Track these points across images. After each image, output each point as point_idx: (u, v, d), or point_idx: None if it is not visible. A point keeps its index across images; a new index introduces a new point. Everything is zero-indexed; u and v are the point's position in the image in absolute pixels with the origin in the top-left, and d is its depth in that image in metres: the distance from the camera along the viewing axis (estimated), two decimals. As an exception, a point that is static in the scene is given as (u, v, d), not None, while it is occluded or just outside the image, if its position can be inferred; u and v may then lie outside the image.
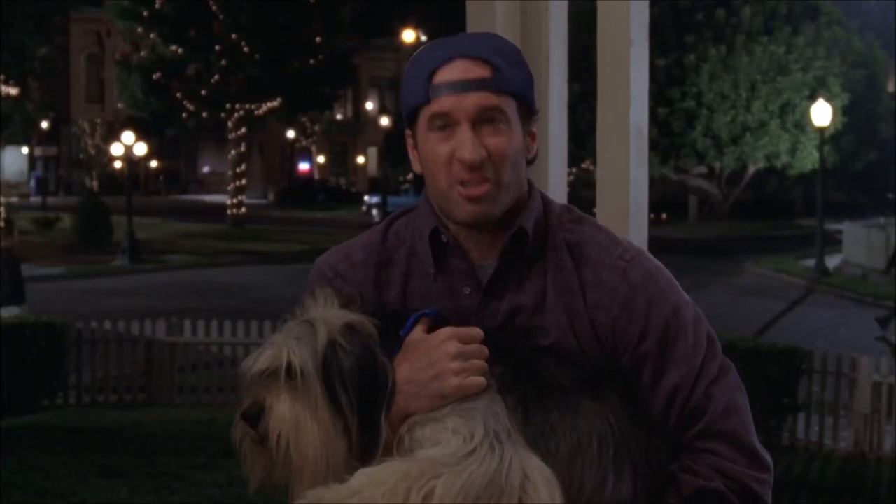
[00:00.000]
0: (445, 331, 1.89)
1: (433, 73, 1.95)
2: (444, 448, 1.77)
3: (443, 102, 1.93)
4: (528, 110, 2.00)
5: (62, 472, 9.08)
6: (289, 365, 1.81)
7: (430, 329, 1.92)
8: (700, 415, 1.92)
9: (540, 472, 1.76)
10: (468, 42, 2.01)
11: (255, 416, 1.82)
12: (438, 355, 1.85)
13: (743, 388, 1.98)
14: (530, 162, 2.06)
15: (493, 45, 2.01)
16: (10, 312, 13.53)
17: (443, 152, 1.94)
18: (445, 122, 1.94)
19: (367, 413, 1.82)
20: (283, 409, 1.80)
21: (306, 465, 1.80)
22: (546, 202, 2.06)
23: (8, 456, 9.52)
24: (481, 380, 1.84)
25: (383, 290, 2.04)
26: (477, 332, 1.89)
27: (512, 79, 1.96)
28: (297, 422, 1.80)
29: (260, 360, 1.84)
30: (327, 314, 1.89)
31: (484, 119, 1.93)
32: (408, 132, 2.03)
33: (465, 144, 1.91)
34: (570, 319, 1.95)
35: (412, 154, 2.04)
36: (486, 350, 1.87)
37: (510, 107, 1.95)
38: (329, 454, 1.80)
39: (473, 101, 1.92)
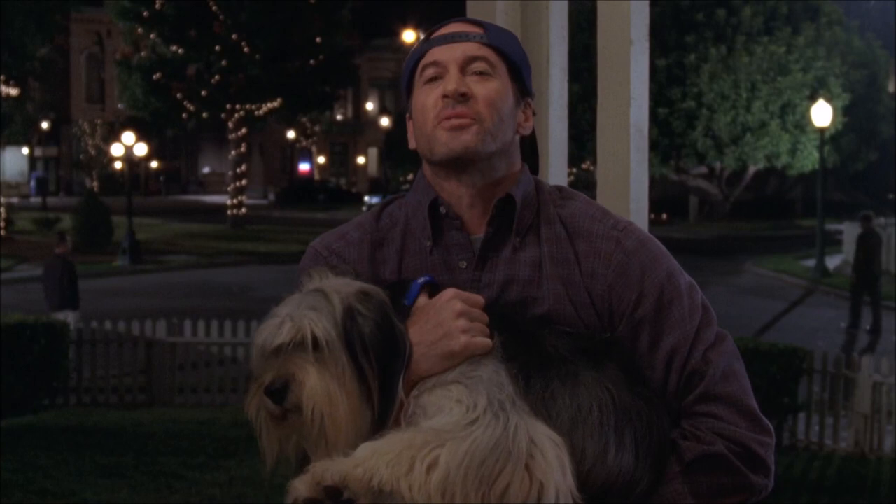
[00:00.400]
0: (449, 291, 1.90)
1: (430, 34, 2.07)
2: (447, 417, 1.77)
3: (434, 53, 2.02)
4: (521, 83, 2.07)
5: (62, 471, 9.09)
6: (313, 337, 1.79)
7: (432, 297, 1.94)
8: (699, 379, 1.92)
9: (547, 436, 1.76)
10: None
11: (280, 391, 1.79)
12: (446, 315, 1.86)
13: (739, 356, 1.99)
14: (529, 146, 2.11)
15: (489, 22, 2.13)
16: (65, 317, 14.11)
17: (431, 98, 2.00)
18: (436, 73, 2.01)
19: (385, 380, 1.81)
20: (314, 383, 1.78)
21: (340, 437, 1.79)
22: (537, 181, 2.10)
23: (8, 456, 9.53)
24: (487, 340, 1.86)
25: (378, 268, 2.05)
26: (478, 298, 1.91)
27: (504, 42, 2.05)
28: (329, 394, 1.78)
29: (281, 334, 1.81)
30: (335, 283, 1.88)
31: (473, 71, 2.00)
32: (407, 115, 2.08)
33: (451, 80, 1.98)
34: (566, 289, 1.97)
35: (410, 133, 2.08)
36: (486, 316, 1.89)
37: (499, 64, 2.02)
38: (358, 424, 1.79)
39: (462, 49, 2.01)
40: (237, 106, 42.93)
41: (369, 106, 72.19)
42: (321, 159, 71.82)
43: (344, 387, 1.79)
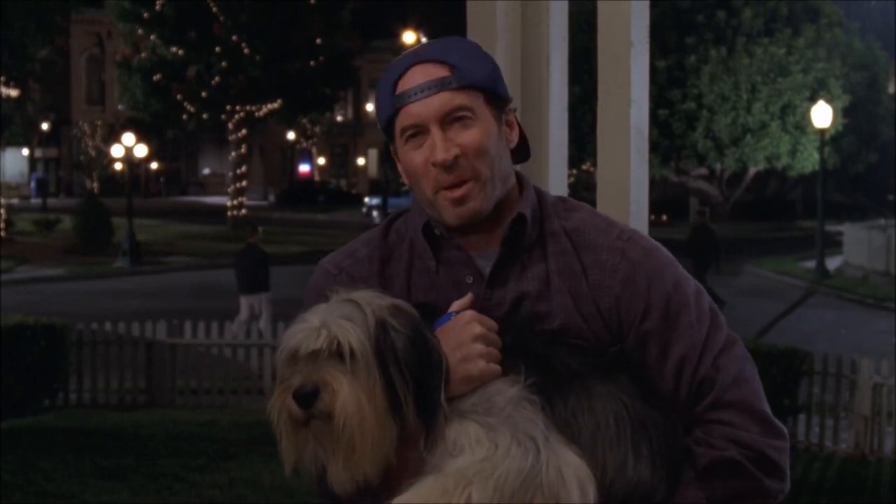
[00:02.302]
0: (468, 313, 1.91)
1: (395, 84, 1.99)
2: (471, 456, 1.79)
3: (409, 111, 1.97)
4: (498, 99, 2.02)
5: (62, 473, 9.09)
6: (350, 347, 1.80)
7: None
8: (710, 386, 1.93)
9: (573, 469, 1.78)
10: (425, 48, 2.04)
11: (309, 395, 1.79)
12: (465, 337, 1.88)
13: (751, 359, 1.99)
14: (520, 155, 2.08)
15: (448, 45, 2.04)
16: (257, 300, 15.97)
17: (419, 160, 1.97)
18: (416, 131, 1.97)
19: (424, 393, 1.82)
20: (346, 393, 1.79)
21: (365, 448, 1.80)
22: (539, 193, 2.09)
23: (8, 457, 9.53)
24: (498, 368, 1.87)
25: (388, 283, 2.05)
26: (492, 322, 1.92)
27: (472, 72, 1.98)
28: (360, 406, 1.79)
29: (316, 340, 1.81)
30: (366, 295, 1.89)
31: (452, 119, 1.96)
32: (392, 147, 2.06)
33: (436, 146, 1.95)
34: (575, 302, 1.97)
35: (399, 167, 2.06)
36: (499, 341, 1.90)
37: (476, 101, 1.97)
38: (383, 437, 1.81)
39: (437, 103, 1.96)
40: (237, 107, 42.94)
41: (369, 107, 72.16)
42: (321, 161, 71.84)
43: (373, 399, 1.80)
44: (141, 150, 36.87)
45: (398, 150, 2.02)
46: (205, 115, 43.17)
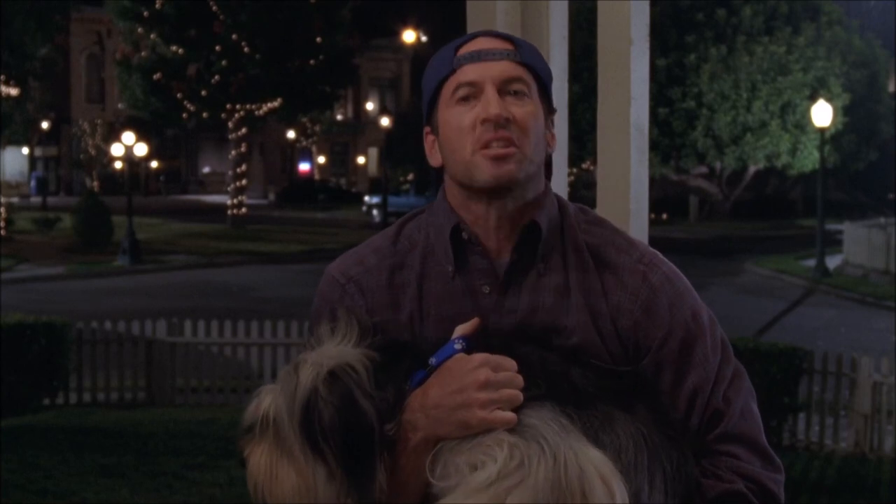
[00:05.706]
0: (478, 357, 1.85)
1: (457, 49, 1.99)
2: (488, 469, 1.76)
3: (468, 70, 1.95)
4: (548, 101, 2.03)
5: (62, 471, 9.09)
6: (265, 416, 1.89)
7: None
8: (719, 418, 1.96)
9: (595, 464, 1.75)
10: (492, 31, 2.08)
11: (243, 465, 1.94)
12: (468, 382, 1.82)
13: (754, 393, 2.02)
14: (548, 164, 2.06)
15: (515, 36, 2.08)
16: None
17: (467, 120, 1.94)
18: (470, 92, 1.95)
19: (355, 460, 1.82)
20: (255, 460, 1.90)
21: None
22: (561, 202, 2.06)
23: (8, 455, 9.53)
24: (509, 415, 1.80)
25: (398, 292, 2.02)
26: (511, 362, 1.84)
27: (535, 59, 2.00)
28: (272, 471, 1.87)
29: (248, 412, 1.92)
30: (320, 355, 1.88)
31: (508, 90, 1.95)
32: (426, 128, 2.03)
33: (491, 102, 1.92)
34: (594, 320, 1.96)
35: (431, 150, 2.02)
36: (519, 379, 1.82)
37: (532, 84, 1.98)
38: (311, 501, 1.83)
39: (499, 68, 1.95)
40: (237, 106, 42.93)
41: (369, 106, 72.23)
42: (321, 159, 71.85)
43: (293, 465, 1.85)
44: (141, 149, 36.89)
45: (441, 114, 1.98)
46: (205, 114, 43.16)
